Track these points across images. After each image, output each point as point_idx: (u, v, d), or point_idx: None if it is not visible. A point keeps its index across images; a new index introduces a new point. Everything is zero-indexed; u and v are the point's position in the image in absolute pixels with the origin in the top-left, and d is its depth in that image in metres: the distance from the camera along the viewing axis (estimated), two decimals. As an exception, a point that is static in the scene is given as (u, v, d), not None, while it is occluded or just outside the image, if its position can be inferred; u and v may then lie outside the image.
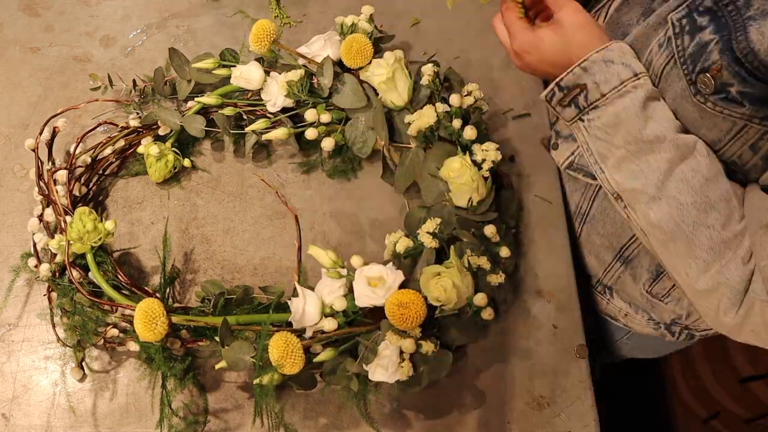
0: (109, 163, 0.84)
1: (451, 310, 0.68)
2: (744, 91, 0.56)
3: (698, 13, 0.59)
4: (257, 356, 0.65)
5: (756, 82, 0.55)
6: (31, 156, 0.79)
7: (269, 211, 0.84)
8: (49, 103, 0.89)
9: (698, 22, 0.59)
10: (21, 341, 0.75)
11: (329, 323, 0.67)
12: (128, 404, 0.72)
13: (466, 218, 0.75)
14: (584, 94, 0.64)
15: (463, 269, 0.69)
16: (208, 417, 0.72)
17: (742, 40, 0.55)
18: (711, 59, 0.57)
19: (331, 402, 0.73)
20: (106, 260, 0.74)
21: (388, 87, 0.80)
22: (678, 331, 0.87)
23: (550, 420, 0.73)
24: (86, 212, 0.72)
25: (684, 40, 0.60)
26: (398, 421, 0.73)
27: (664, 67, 0.63)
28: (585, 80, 0.64)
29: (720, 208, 0.61)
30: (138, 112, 0.86)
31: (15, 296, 0.77)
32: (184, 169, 0.86)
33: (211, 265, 0.80)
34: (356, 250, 0.81)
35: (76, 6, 0.98)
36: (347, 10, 0.86)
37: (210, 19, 0.97)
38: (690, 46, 0.59)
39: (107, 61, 0.93)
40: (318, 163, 0.86)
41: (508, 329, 0.78)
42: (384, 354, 0.66)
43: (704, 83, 0.58)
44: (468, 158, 0.75)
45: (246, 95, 0.86)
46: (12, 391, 0.73)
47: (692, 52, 0.59)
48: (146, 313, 0.65)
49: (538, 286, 0.80)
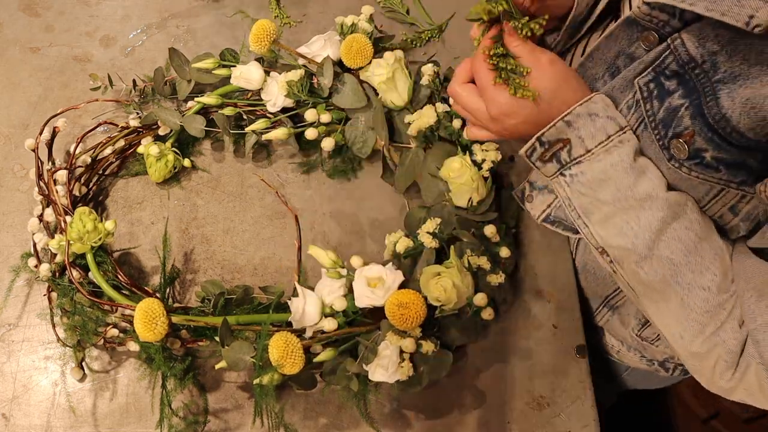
0: (109, 163, 0.84)
1: (451, 310, 0.68)
2: (719, 156, 0.55)
3: (665, 77, 0.57)
4: (257, 356, 0.65)
5: (730, 147, 0.53)
6: (31, 156, 0.79)
7: (269, 211, 0.84)
8: (49, 103, 0.89)
9: (666, 86, 0.57)
10: (21, 341, 0.75)
11: (329, 323, 0.67)
12: (128, 404, 0.72)
13: (466, 218, 0.75)
14: (567, 148, 0.61)
15: (463, 269, 0.69)
16: (208, 417, 0.72)
17: (713, 106, 0.53)
18: (683, 125, 0.55)
19: (331, 402, 0.73)
20: (106, 260, 0.74)
21: (388, 87, 0.80)
22: (672, 367, 0.86)
23: (550, 420, 0.73)
24: (86, 212, 0.72)
25: (653, 105, 0.58)
26: (398, 421, 0.73)
27: (635, 129, 0.61)
28: (568, 135, 0.61)
29: (714, 268, 0.58)
30: (138, 112, 0.86)
31: (15, 296, 0.77)
32: (184, 169, 0.86)
33: (211, 265, 0.80)
34: (356, 250, 0.81)
35: (76, 6, 0.98)
36: (347, 10, 0.86)
37: (210, 19, 0.97)
38: (660, 111, 0.57)
39: (107, 61, 0.93)
40: (318, 163, 0.86)
41: (508, 329, 0.78)
42: (384, 354, 0.66)
43: (677, 148, 0.56)
44: (468, 158, 0.75)
45: (246, 95, 0.85)
46: (12, 391, 0.73)
47: (663, 117, 0.57)
48: (146, 313, 0.65)
49: (538, 286, 0.80)
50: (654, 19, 0.57)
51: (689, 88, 0.55)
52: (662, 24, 0.57)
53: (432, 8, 0.97)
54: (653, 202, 0.59)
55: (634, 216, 0.59)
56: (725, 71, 0.52)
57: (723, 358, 0.58)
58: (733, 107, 0.51)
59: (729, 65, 0.52)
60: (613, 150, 0.60)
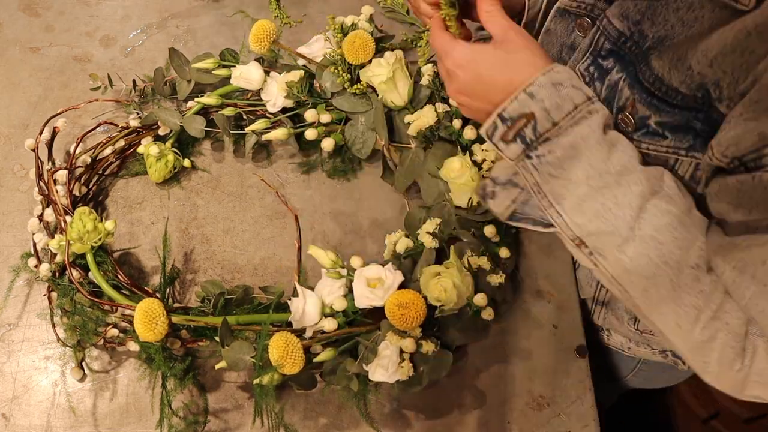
0: (109, 163, 0.84)
1: (451, 310, 0.68)
2: (662, 121, 0.55)
3: (602, 58, 0.58)
4: (257, 356, 0.65)
5: (669, 108, 0.54)
6: (31, 156, 0.79)
7: (269, 211, 0.84)
8: (49, 103, 0.89)
9: (604, 66, 0.58)
10: (21, 341, 0.75)
11: (329, 323, 0.67)
12: (128, 404, 0.72)
13: (466, 218, 0.75)
14: (532, 124, 0.55)
15: (463, 269, 0.69)
16: (208, 417, 0.72)
17: (646, 71, 0.54)
18: (624, 97, 0.56)
19: (331, 402, 0.73)
20: (106, 260, 0.74)
21: (389, 87, 0.80)
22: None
23: (550, 420, 0.73)
24: (86, 212, 0.72)
25: (596, 87, 0.59)
26: (398, 421, 0.73)
27: None
28: (532, 108, 0.55)
29: (700, 243, 0.54)
30: (138, 112, 0.86)
31: (15, 296, 0.77)
32: (184, 169, 0.86)
33: (211, 265, 0.80)
34: (356, 250, 0.81)
35: (76, 6, 0.98)
36: (347, 10, 0.86)
37: (210, 19, 0.97)
38: (603, 90, 0.58)
39: (107, 61, 0.93)
40: (318, 163, 0.86)
41: (508, 329, 0.78)
42: (384, 354, 0.66)
43: (624, 122, 0.57)
44: (468, 158, 0.75)
45: (246, 95, 0.86)
46: (12, 391, 0.73)
47: (606, 95, 0.58)
48: (146, 313, 0.65)
49: (538, 286, 0.80)
50: (582, 4, 0.59)
51: (625, 62, 0.56)
52: (590, 7, 0.59)
53: (432, 8, 0.97)
54: (630, 176, 0.55)
55: (610, 195, 0.55)
56: (652, 37, 0.54)
57: (729, 344, 0.53)
58: (662, 65, 0.53)
59: (654, 30, 0.54)
60: (582, 121, 0.55)
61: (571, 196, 0.56)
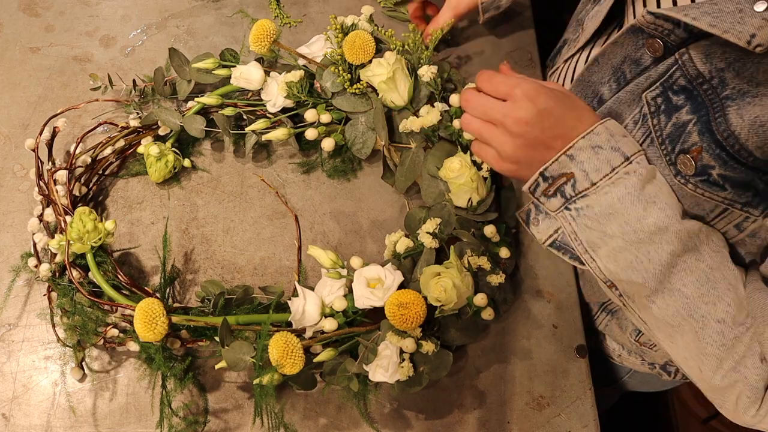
0: (109, 163, 0.84)
1: (451, 310, 0.68)
2: (725, 174, 0.54)
3: (673, 92, 0.56)
4: (257, 356, 0.65)
5: (737, 165, 0.53)
6: (31, 156, 0.79)
7: (269, 211, 0.84)
8: (49, 103, 0.89)
9: (674, 101, 0.56)
10: (21, 341, 0.75)
11: (329, 323, 0.67)
12: (128, 404, 0.72)
13: (466, 218, 0.75)
14: (572, 182, 0.59)
15: (463, 269, 0.69)
16: (208, 417, 0.72)
17: (722, 123, 0.52)
18: (690, 141, 0.55)
19: (331, 402, 0.73)
20: (106, 260, 0.74)
21: (389, 87, 0.80)
22: (674, 371, 0.85)
23: (550, 420, 0.73)
24: (86, 212, 0.72)
25: (660, 120, 0.57)
26: (398, 421, 0.73)
27: (641, 143, 0.60)
28: (572, 168, 0.59)
29: (728, 299, 0.56)
30: (138, 112, 0.86)
31: (15, 296, 0.77)
32: (184, 169, 0.86)
33: (211, 265, 0.80)
34: (356, 250, 0.81)
35: (76, 6, 0.98)
36: (347, 10, 0.86)
37: (210, 19, 0.97)
38: (667, 126, 0.57)
39: (107, 61, 0.93)
40: (318, 163, 0.86)
41: (508, 329, 0.78)
42: (384, 354, 0.66)
43: (684, 164, 0.56)
44: (468, 158, 0.75)
45: (246, 95, 0.86)
46: (12, 391, 0.73)
47: (670, 133, 0.57)
48: (146, 313, 0.65)
49: (538, 286, 0.80)
50: (659, 27, 0.57)
51: (697, 104, 0.54)
52: (667, 32, 0.57)
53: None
54: (664, 235, 0.57)
55: (644, 250, 0.57)
56: (733, 87, 0.52)
57: (745, 393, 0.56)
58: (741, 124, 0.51)
59: (737, 82, 0.51)
60: (619, 182, 0.58)
61: (606, 246, 0.59)
